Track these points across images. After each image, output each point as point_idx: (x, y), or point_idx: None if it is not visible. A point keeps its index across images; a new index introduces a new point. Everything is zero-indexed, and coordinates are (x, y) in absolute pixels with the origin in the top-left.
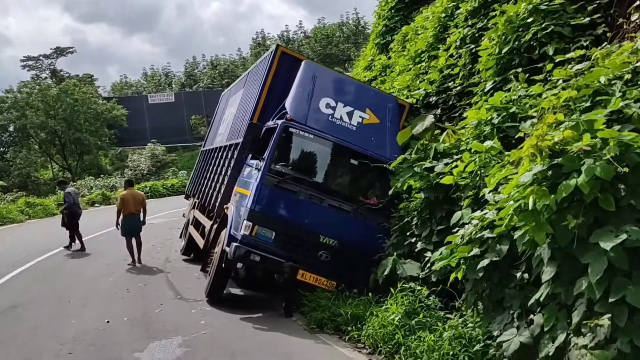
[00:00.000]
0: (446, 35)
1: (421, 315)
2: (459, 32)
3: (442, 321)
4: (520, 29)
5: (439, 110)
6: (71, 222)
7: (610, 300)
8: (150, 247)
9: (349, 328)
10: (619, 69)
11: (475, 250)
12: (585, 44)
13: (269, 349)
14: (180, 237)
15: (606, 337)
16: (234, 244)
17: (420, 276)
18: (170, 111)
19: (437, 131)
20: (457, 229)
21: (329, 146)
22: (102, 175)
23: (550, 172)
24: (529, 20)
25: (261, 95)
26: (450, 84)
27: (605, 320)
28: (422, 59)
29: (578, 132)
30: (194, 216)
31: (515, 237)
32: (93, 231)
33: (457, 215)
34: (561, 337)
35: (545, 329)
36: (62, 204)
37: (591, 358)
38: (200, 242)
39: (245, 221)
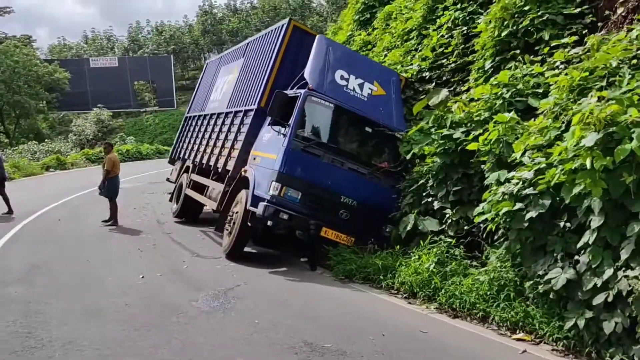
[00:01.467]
0: (434, 17)
1: (453, 264)
2: (450, 15)
3: (472, 268)
4: (516, 15)
5: (433, 85)
6: None
7: None
8: (134, 210)
9: (381, 277)
10: (623, 55)
11: (519, 205)
12: (577, 31)
13: (313, 294)
14: (171, 200)
15: None
16: (263, 203)
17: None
18: (113, 76)
19: (450, 103)
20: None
21: (346, 114)
22: (46, 140)
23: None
24: (526, 8)
25: (274, 66)
26: (443, 61)
27: None
28: (411, 37)
29: (623, 106)
30: (192, 179)
31: (562, 192)
32: (66, 194)
33: (494, 176)
34: (608, 272)
35: (593, 266)
36: None
37: None
38: (209, 204)
39: (274, 182)
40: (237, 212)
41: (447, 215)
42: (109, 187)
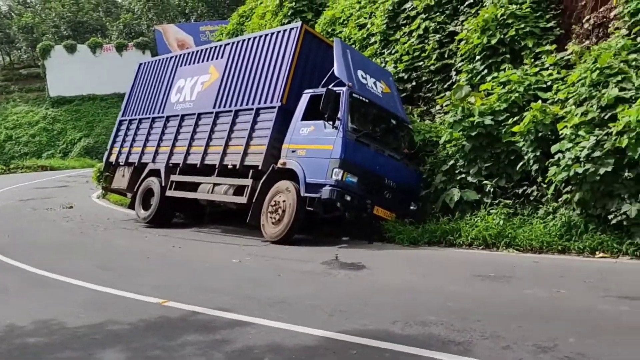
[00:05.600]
0: (396, 24)
1: (517, 218)
2: (417, 24)
3: (534, 219)
4: (498, 27)
5: (413, 83)
6: None
7: None
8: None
9: (450, 237)
10: (625, 57)
11: (588, 165)
12: (551, 41)
13: (404, 259)
14: (131, 207)
15: None
16: (328, 188)
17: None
18: None
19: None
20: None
21: (375, 109)
22: None
23: None
24: (509, 21)
25: (291, 66)
26: (420, 63)
27: None
28: (373, 42)
29: None
30: (175, 181)
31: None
32: None
33: (555, 147)
34: None
35: None
36: None
37: None
38: (222, 199)
39: (336, 169)
40: (284, 201)
41: (488, 186)
42: None
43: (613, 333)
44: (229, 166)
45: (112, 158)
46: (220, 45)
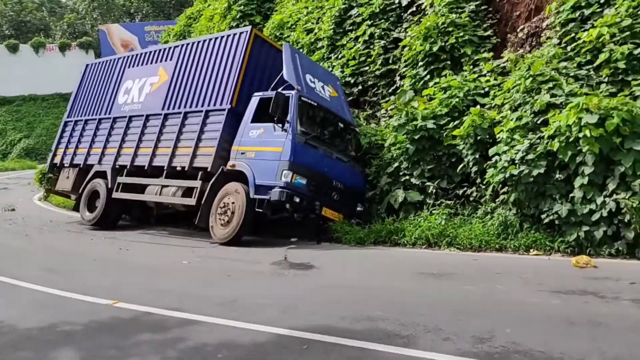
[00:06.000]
0: (342, 30)
1: (457, 218)
2: (363, 30)
3: (474, 219)
4: (439, 35)
5: (360, 87)
6: None
7: (638, 173)
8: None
9: (394, 237)
10: (556, 65)
11: (523, 167)
12: (487, 49)
13: (351, 258)
14: (76, 209)
15: (637, 192)
16: (277, 189)
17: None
18: None
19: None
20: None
21: (323, 112)
22: None
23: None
24: (449, 29)
25: (241, 70)
26: (366, 68)
27: (638, 182)
28: (320, 47)
29: (599, 98)
30: (122, 183)
31: (559, 154)
32: None
33: (493, 150)
34: (598, 200)
35: (588, 197)
36: None
37: (630, 200)
38: (170, 201)
39: (285, 171)
40: (233, 203)
41: (430, 187)
42: None
43: (545, 324)
44: (178, 168)
45: (57, 159)
46: (170, 47)
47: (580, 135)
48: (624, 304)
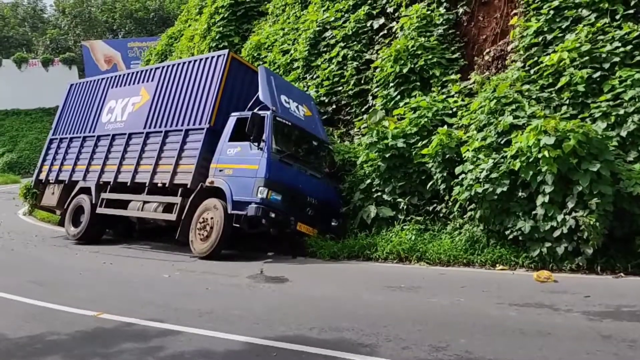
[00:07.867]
0: (317, 51)
1: (427, 234)
2: (337, 52)
3: (442, 235)
4: (409, 57)
5: (334, 106)
6: None
7: (595, 192)
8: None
9: (367, 252)
10: (519, 88)
11: (487, 185)
12: (455, 71)
13: (324, 272)
14: (61, 224)
15: (594, 210)
16: (254, 205)
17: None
18: None
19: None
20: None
21: (298, 131)
22: None
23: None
24: (419, 52)
25: (219, 91)
26: (339, 88)
27: (594, 201)
28: (296, 67)
29: (557, 120)
30: (105, 199)
31: (521, 173)
32: None
33: (459, 168)
34: (559, 217)
35: (549, 215)
36: None
37: (587, 218)
38: (152, 216)
39: (261, 187)
40: (212, 218)
41: (401, 203)
42: None
43: (499, 334)
44: (159, 184)
45: (42, 176)
46: (151, 69)
47: (540, 155)
48: (574, 315)
